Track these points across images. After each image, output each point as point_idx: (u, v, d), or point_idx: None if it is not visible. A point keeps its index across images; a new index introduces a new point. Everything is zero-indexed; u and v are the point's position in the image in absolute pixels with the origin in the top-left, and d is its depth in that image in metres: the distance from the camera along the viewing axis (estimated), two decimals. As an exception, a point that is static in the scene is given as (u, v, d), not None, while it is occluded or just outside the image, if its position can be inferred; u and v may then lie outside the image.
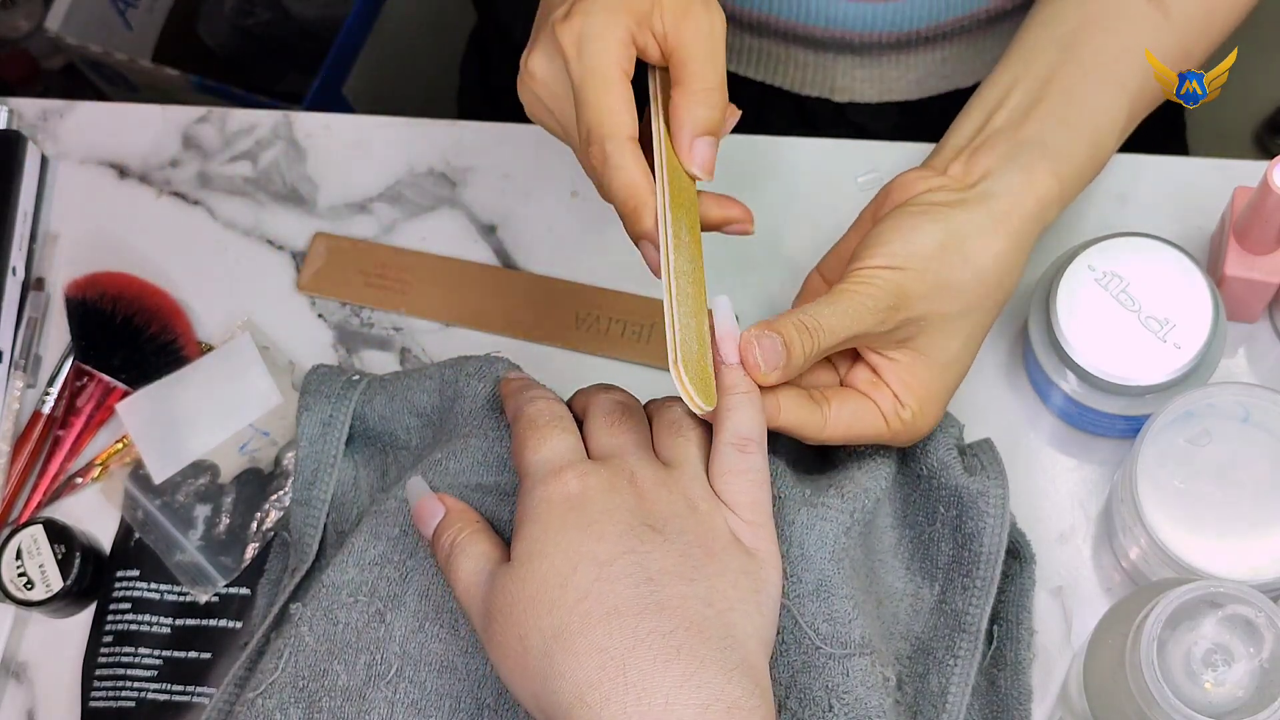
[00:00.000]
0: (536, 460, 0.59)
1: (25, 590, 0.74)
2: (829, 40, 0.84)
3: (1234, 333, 0.74)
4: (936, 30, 0.83)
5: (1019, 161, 0.64)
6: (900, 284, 0.61)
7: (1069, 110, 0.66)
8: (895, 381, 0.63)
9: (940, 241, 0.62)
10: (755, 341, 0.58)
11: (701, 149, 0.60)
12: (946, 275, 0.62)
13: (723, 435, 0.59)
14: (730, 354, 0.59)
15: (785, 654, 0.61)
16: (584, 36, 0.60)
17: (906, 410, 0.63)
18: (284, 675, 0.63)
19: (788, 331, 0.59)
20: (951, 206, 0.63)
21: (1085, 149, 0.66)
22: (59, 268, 0.84)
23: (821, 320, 0.59)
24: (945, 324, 0.63)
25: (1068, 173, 0.65)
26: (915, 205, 0.63)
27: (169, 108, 0.88)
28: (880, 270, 0.61)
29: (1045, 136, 0.65)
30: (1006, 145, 0.65)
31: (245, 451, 0.77)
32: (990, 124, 0.66)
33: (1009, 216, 0.63)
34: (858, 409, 0.62)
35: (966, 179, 0.65)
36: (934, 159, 0.67)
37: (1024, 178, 0.64)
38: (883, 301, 0.60)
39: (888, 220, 0.63)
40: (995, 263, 0.63)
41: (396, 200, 0.84)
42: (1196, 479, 0.66)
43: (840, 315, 0.60)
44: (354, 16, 1.50)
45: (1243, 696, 0.57)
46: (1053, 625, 0.70)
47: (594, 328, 0.79)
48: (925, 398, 0.63)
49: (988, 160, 0.65)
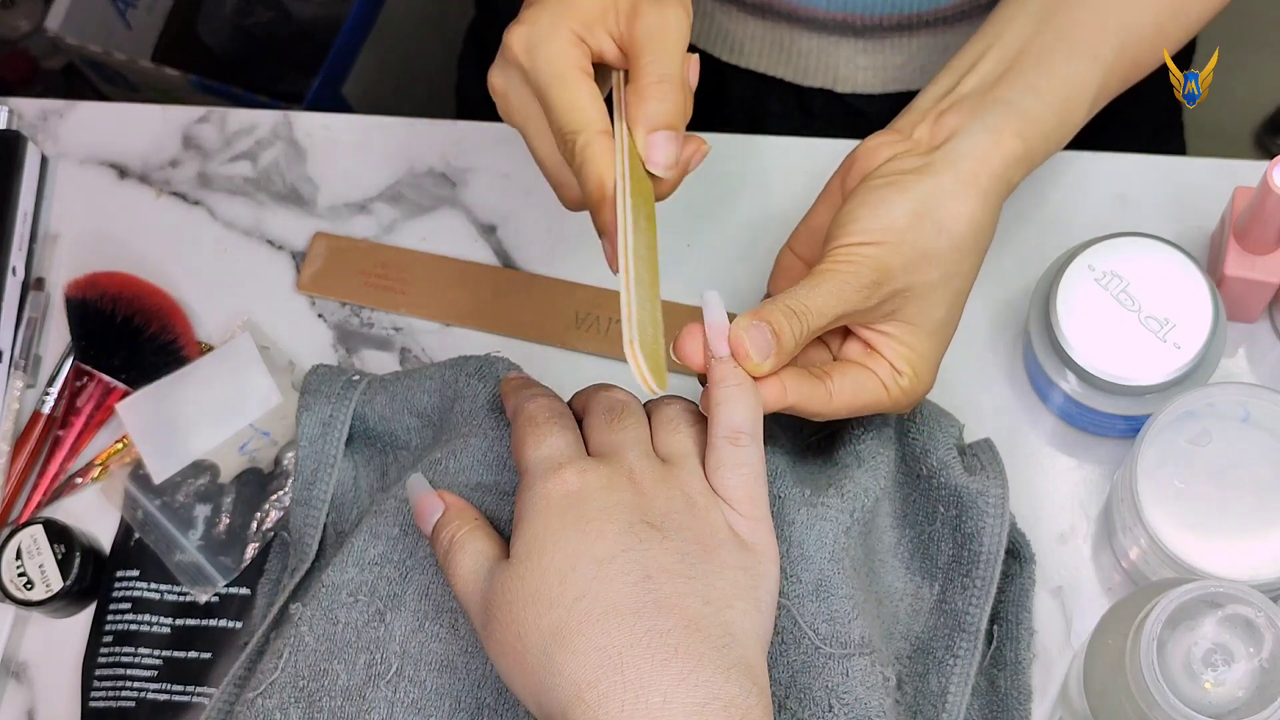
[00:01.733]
0: (536, 457, 0.59)
1: (25, 590, 0.74)
2: (831, 22, 0.84)
3: (1234, 333, 0.74)
4: (938, 14, 0.83)
5: (985, 121, 0.64)
6: (880, 259, 0.61)
7: (1039, 77, 0.66)
8: (889, 352, 0.63)
9: (913, 211, 0.62)
10: (745, 333, 0.58)
11: (658, 145, 0.61)
12: (923, 245, 0.62)
13: (715, 429, 0.59)
14: (720, 347, 0.59)
15: (785, 654, 0.61)
16: (532, 42, 0.61)
17: (904, 378, 0.63)
18: (284, 675, 0.63)
19: (776, 319, 0.59)
20: (919, 173, 0.63)
21: (1053, 115, 0.66)
22: (59, 268, 0.84)
23: (808, 303, 0.59)
24: (928, 292, 0.63)
25: (1034, 136, 0.65)
26: (882, 177, 0.63)
27: (169, 108, 0.88)
28: (858, 247, 0.61)
29: (1013, 99, 0.65)
30: (973, 106, 0.65)
31: (245, 451, 0.77)
32: (959, 88, 0.66)
33: (976, 177, 0.63)
34: (858, 379, 0.63)
35: (932, 140, 0.65)
36: (899, 121, 0.66)
37: (990, 138, 0.64)
38: (865, 278, 0.60)
39: (858, 195, 0.63)
40: (969, 226, 0.63)
41: (396, 200, 0.84)
42: (1196, 479, 0.66)
43: (825, 296, 0.60)
44: (354, 16, 1.50)
45: (1243, 696, 0.57)
46: (1053, 625, 0.70)
47: (594, 328, 0.79)
48: (919, 364, 0.64)
49: (954, 120, 0.65)
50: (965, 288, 0.65)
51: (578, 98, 0.60)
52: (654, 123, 0.61)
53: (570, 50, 0.61)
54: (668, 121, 0.61)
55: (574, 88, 0.60)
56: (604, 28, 0.61)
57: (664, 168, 0.61)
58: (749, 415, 0.59)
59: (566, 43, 0.61)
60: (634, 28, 0.61)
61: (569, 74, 0.60)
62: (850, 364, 0.63)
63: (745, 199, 0.81)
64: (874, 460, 0.66)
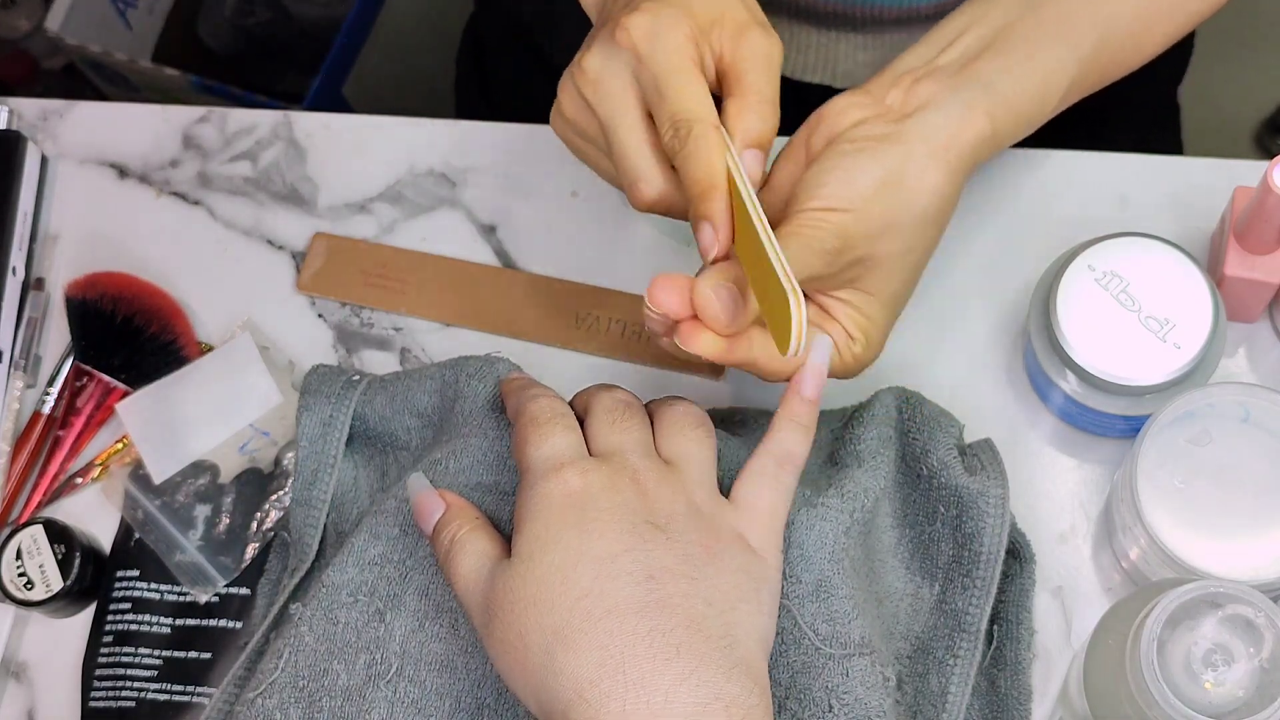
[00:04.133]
0: (538, 456, 0.59)
1: (25, 590, 0.74)
2: (830, 15, 0.84)
3: (1234, 333, 0.74)
4: (939, 9, 0.83)
5: (960, 95, 0.64)
6: (844, 226, 0.61)
7: (1017, 60, 0.66)
8: (844, 318, 0.64)
9: (880, 180, 0.62)
10: (714, 293, 0.59)
11: (750, 161, 0.61)
12: (889, 215, 0.62)
13: (770, 445, 0.60)
14: (809, 390, 0.61)
15: (785, 654, 0.61)
16: (656, 30, 0.61)
17: (856, 344, 0.64)
18: (284, 675, 0.63)
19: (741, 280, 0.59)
20: (889, 141, 0.63)
21: (1027, 101, 0.66)
22: (59, 268, 0.84)
23: None
24: (888, 262, 0.63)
25: (1005, 118, 0.65)
26: (850, 141, 0.63)
27: (169, 108, 0.88)
28: (824, 213, 0.61)
29: (990, 78, 0.65)
30: (949, 79, 0.65)
31: (245, 451, 0.77)
32: (937, 60, 0.66)
33: (946, 151, 0.63)
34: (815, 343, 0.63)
35: (904, 107, 0.64)
36: (871, 83, 0.66)
37: (963, 113, 0.64)
38: (828, 244, 0.61)
39: (826, 160, 0.63)
40: (934, 199, 0.63)
41: (396, 200, 0.84)
42: (1196, 479, 0.66)
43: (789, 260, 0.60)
44: (354, 16, 1.50)
45: (1243, 696, 0.57)
46: (1053, 625, 0.70)
47: (594, 328, 0.79)
48: (872, 332, 0.64)
49: (928, 90, 0.65)
50: (923, 261, 0.65)
51: (697, 88, 0.61)
52: (751, 138, 0.61)
53: (690, 46, 0.61)
54: (763, 140, 0.61)
55: (693, 79, 0.61)
56: (709, 41, 0.62)
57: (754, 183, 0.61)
58: (802, 449, 0.61)
59: (687, 38, 0.61)
60: (740, 47, 0.61)
61: (688, 65, 0.61)
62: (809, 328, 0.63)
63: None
64: (874, 460, 0.66)
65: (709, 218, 0.59)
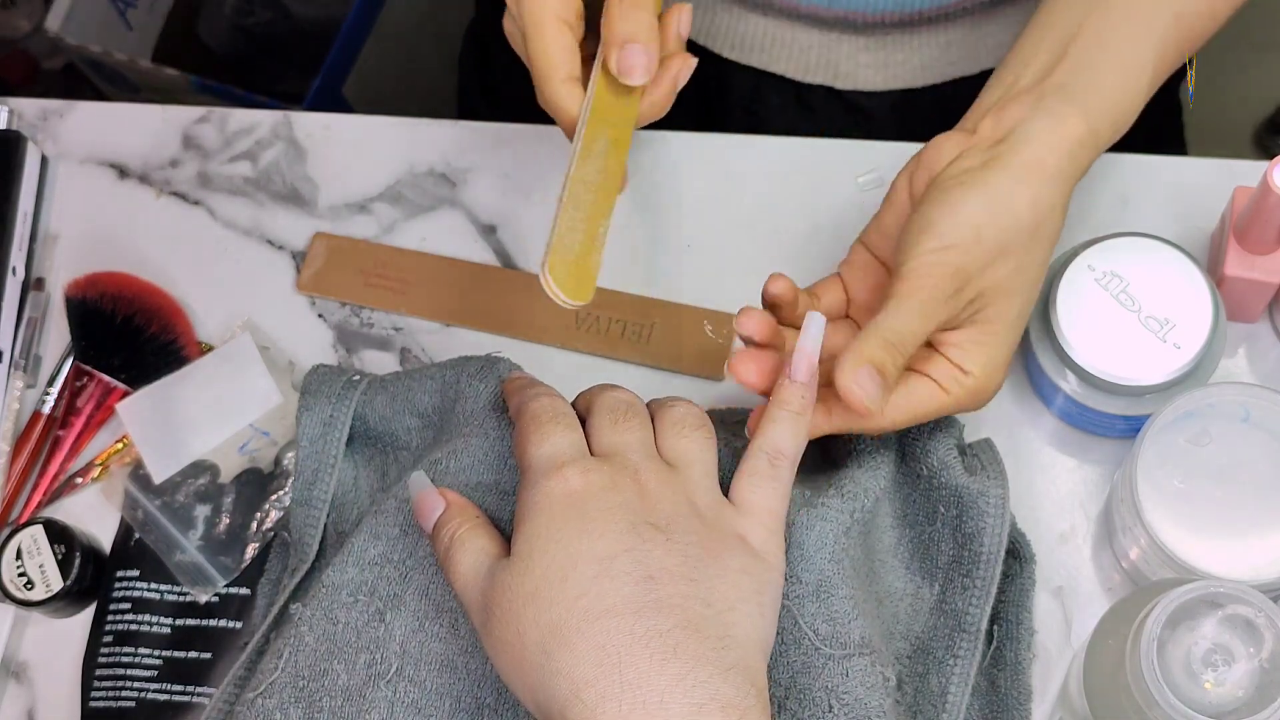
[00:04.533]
0: (539, 455, 0.59)
1: (25, 590, 0.74)
2: (832, 19, 0.84)
3: (1234, 333, 0.74)
4: (940, 11, 0.83)
5: (1045, 107, 0.64)
6: (958, 264, 0.61)
7: (1094, 54, 0.66)
8: (953, 351, 0.63)
9: (984, 208, 0.62)
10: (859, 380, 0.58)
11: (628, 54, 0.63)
12: (999, 240, 0.62)
13: (760, 442, 0.60)
14: (799, 373, 0.60)
15: (785, 654, 0.61)
16: None
17: (969, 377, 0.63)
18: (284, 675, 0.63)
19: (878, 357, 0.59)
20: (986, 168, 0.63)
21: (1112, 90, 0.66)
22: (59, 268, 0.84)
23: (903, 331, 0.60)
24: (1004, 287, 0.63)
25: (1095, 112, 0.65)
26: (951, 178, 0.63)
27: (169, 108, 0.88)
28: (937, 253, 0.61)
29: (1070, 80, 0.65)
30: (1033, 96, 0.65)
31: (245, 451, 0.77)
32: (1018, 83, 0.66)
33: (1043, 161, 0.63)
34: (910, 390, 0.63)
35: (995, 134, 0.64)
36: (965, 120, 0.67)
37: (1051, 121, 0.64)
38: (948, 287, 0.61)
39: (930, 198, 0.63)
40: (1035, 212, 0.63)
41: (396, 200, 0.84)
42: (1196, 479, 0.66)
43: (915, 319, 0.60)
44: (354, 16, 1.50)
45: (1243, 696, 0.57)
46: (1053, 625, 0.70)
47: (594, 328, 0.79)
48: (988, 363, 0.63)
49: (1016, 112, 0.64)
50: (1038, 276, 0.64)
51: (549, 44, 0.64)
52: (622, 38, 0.63)
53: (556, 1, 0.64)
54: (634, 36, 0.63)
55: (547, 34, 0.64)
56: None
57: (639, 74, 0.64)
58: (794, 441, 0.60)
59: None
60: None
61: (545, 21, 0.64)
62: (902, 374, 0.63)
63: (745, 199, 0.81)
64: (874, 460, 0.66)
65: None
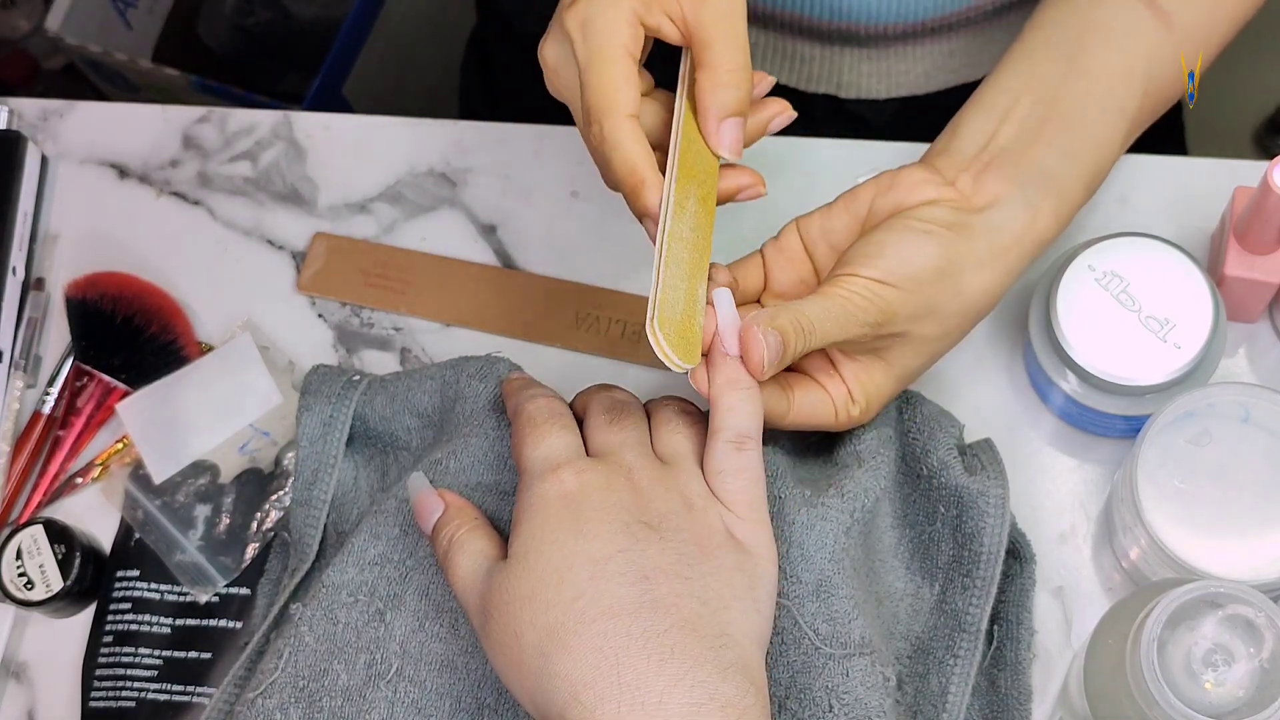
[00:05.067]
0: (535, 457, 0.59)
1: (25, 590, 0.74)
2: (834, 32, 0.84)
3: (1234, 333, 0.74)
4: (942, 21, 0.83)
5: (1026, 195, 0.64)
6: (891, 303, 0.61)
7: (1074, 139, 0.66)
8: (851, 379, 0.64)
9: (938, 268, 0.62)
10: (763, 338, 0.58)
11: (729, 130, 0.61)
12: (936, 302, 0.62)
13: (719, 433, 0.59)
14: (731, 346, 0.59)
15: (785, 654, 0.61)
16: (588, 19, 0.60)
17: (855, 407, 0.64)
18: (284, 675, 0.63)
19: (787, 332, 0.59)
20: (955, 231, 0.63)
21: (1085, 184, 0.67)
22: (59, 268, 0.84)
23: (816, 324, 0.60)
24: (919, 343, 0.64)
25: (1067, 211, 0.66)
26: (919, 220, 0.63)
27: (169, 108, 0.88)
28: (874, 284, 0.61)
29: (1052, 168, 0.65)
30: (1014, 170, 0.65)
31: (245, 451, 0.77)
32: (997, 138, 0.66)
33: (1008, 253, 0.64)
34: (816, 400, 0.63)
35: (974, 200, 0.64)
36: (940, 161, 0.66)
37: (1029, 215, 0.64)
38: (872, 316, 0.61)
39: (890, 230, 0.63)
40: (984, 296, 0.64)
41: (396, 200, 0.84)
42: (1196, 479, 0.66)
43: (832, 322, 0.60)
44: (354, 16, 1.50)
45: (1243, 696, 0.57)
46: (1053, 625, 0.70)
47: (594, 328, 0.79)
48: (874, 398, 0.64)
49: (996, 185, 0.64)
50: (950, 347, 0.66)
51: (614, 79, 0.60)
52: (728, 110, 0.61)
53: (622, 29, 0.60)
54: (739, 109, 0.62)
55: (612, 69, 0.60)
56: (663, 7, 0.61)
57: (733, 153, 0.62)
58: (754, 420, 0.59)
59: (621, 21, 0.60)
60: (702, 11, 0.61)
61: (613, 53, 0.60)
62: (811, 384, 0.64)
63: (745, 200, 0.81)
64: (874, 460, 0.66)
65: (646, 213, 0.60)
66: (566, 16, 0.61)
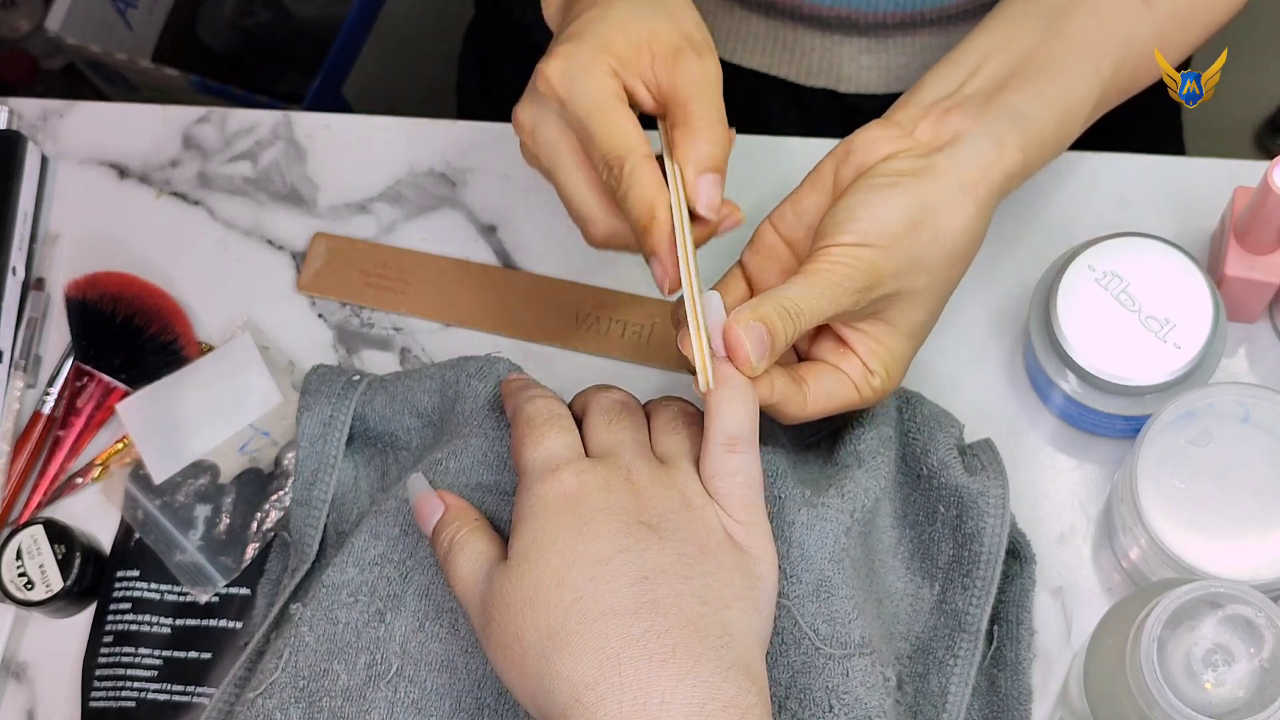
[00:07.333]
0: (534, 458, 0.59)
1: (25, 590, 0.74)
2: (835, 20, 0.84)
3: (1234, 333, 0.74)
4: (942, 13, 0.83)
5: (991, 130, 0.64)
6: (874, 262, 0.61)
7: (1045, 85, 0.66)
8: (863, 351, 0.63)
9: (911, 217, 0.62)
10: (745, 333, 0.58)
11: (706, 187, 0.61)
12: (917, 251, 0.62)
13: (713, 435, 0.59)
14: (719, 346, 0.59)
15: (785, 654, 0.61)
16: (570, 74, 0.61)
17: (875, 378, 0.64)
18: (284, 675, 0.63)
19: (771, 319, 0.59)
20: (919, 176, 0.63)
21: (1054, 128, 0.66)
22: (59, 268, 0.84)
23: (801, 304, 0.59)
24: (914, 297, 0.63)
25: (1034, 148, 0.65)
26: (882, 175, 0.63)
27: (169, 108, 0.88)
28: (853, 249, 0.61)
29: (1019, 107, 0.65)
30: (978, 110, 0.65)
31: (245, 451, 0.77)
32: (964, 88, 0.66)
33: (977, 186, 0.63)
34: (832, 383, 0.63)
35: (934, 140, 0.64)
36: (898, 113, 0.66)
37: (994, 148, 0.64)
38: (858, 282, 0.60)
39: (856, 193, 0.63)
40: (962, 236, 0.63)
41: (396, 200, 0.84)
42: (1196, 479, 0.66)
43: (818, 298, 0.60)
44: (354, 16, 1.50)
45: (1243, 696, 0.57)
46: (1053, 625, 0.70)
47: (594, 328, 0.79)
48: (892, 364, 0.64)
49: (958, 122, 0.64)
50: (948, 293, 0.65)
51: (622, 123, 0.61)
52: (704, 165, 0.61)
53: (610, 82, 0.61)
54: (715, 165, 0.62)
55: (617, 115, 0.61)
56: (636, 71, 0.62)
57: (709, 209, 0.61)
58: (747, 420, 0.59)
59: (606, 74, 0.61)
60: (677, 75, 0.62)
61: (610, 103, 0.61)
62: (824, 366, 0.63)
63: (744, 199, 0.81)
64: (874, 460, 0.66)
65: (653, 252, 0.60)
66: (547, 75, 0.61)
